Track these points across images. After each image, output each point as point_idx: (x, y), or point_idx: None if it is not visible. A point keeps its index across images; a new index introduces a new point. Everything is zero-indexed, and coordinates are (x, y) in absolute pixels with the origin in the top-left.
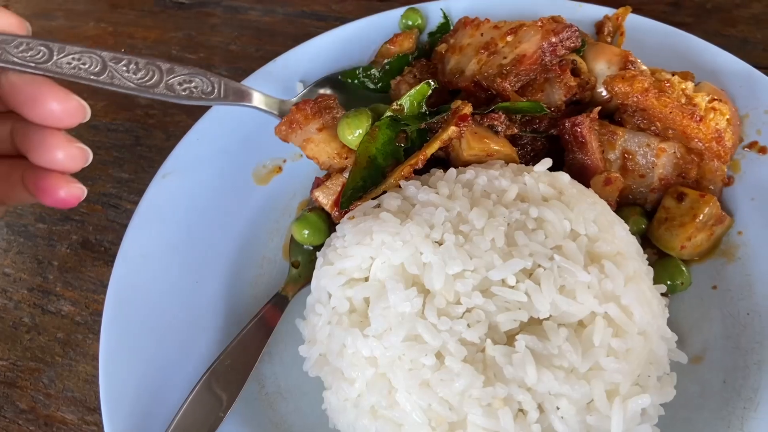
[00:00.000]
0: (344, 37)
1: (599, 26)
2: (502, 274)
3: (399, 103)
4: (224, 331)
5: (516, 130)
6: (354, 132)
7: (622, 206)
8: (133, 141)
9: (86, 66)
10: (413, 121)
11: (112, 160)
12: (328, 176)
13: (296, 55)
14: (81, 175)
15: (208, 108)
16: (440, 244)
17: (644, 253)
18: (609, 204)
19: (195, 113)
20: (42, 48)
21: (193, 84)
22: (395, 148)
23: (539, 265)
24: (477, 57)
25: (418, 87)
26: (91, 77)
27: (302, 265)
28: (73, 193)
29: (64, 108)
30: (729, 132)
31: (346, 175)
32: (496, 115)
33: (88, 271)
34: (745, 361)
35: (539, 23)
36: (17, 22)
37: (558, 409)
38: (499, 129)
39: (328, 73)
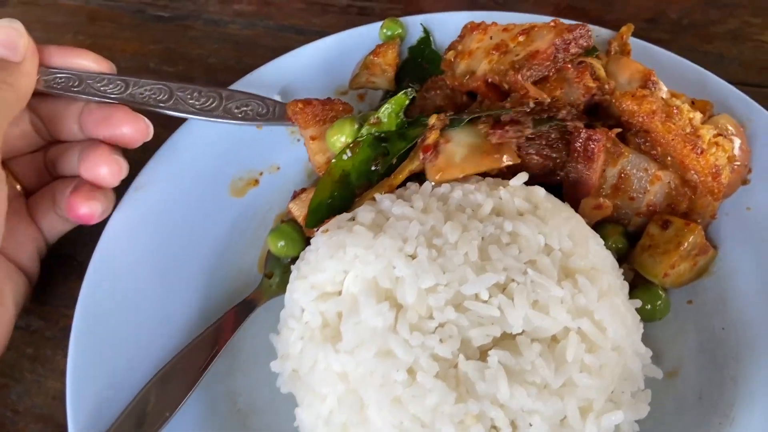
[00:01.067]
0: (324, 49)
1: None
2: (475, 288)
3: (377, 116)
4: None
5: (529, 130)
6: (334, 137)
7: (604, 222)
8: None
9: (156, 96)
10: (396, 142)
11: None
12: (303, 189)
13: (275, 67)
14: None
15: (184, 121)
16: (413, 257)
17: (620, 268)
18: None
19: (172, 126)
20: (120, 82)
21: (249, 107)
22: (370, 171)
23: (513, 280)
24: (488, 58)
25: (395, 98)
26: (160, 104)
27: (276, 276)
28: (93, 210)
29: (134, 129)
30: (727, 170)
31: None
32: (501, 127)
33: (58, 286)
34: (721, 376)
35: (552, 23)
36: (102, 62)
37: (531, 425)
38: (493, 139)
39: (307, 85)
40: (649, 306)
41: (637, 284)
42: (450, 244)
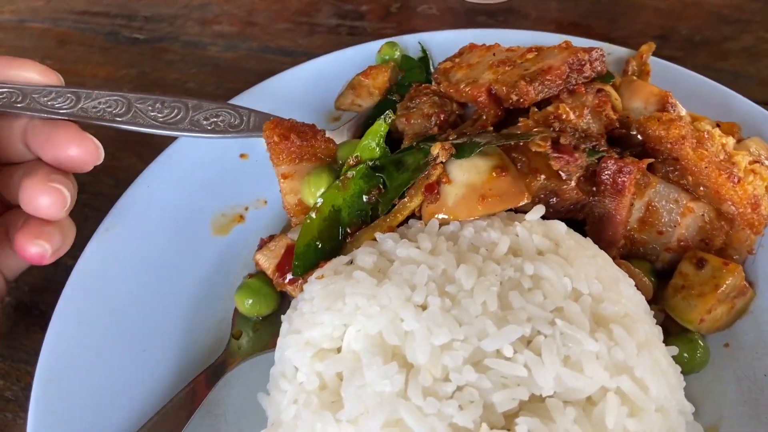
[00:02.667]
0: (313, 72)
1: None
2: (496, 343)
3: (355, 155)
4: None
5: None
6: (310, 190)
7: (629, 258)
8: (77, 188)
9: (111, 109)
10: (393, 173)
11: None
12: (271, 237)
13: (259, 92)
14: None
15: (163, 148)
16: (424, 308)
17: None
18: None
19: (147, 157)
20: (70, 95)
21: (219, 118)
22: (364, 205)
23: (539, 332)
24: (492, 70)
25: (370, 130)
26: (116, 119)
27: (244, 335)
28: (41, 250)
29: (82, 150)
30: (766, 199)
31: (290, 236)
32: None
33: (21, 339)
34: (766, 430)
35: (563, 44)
36: (48, 73)
37: None
38: (556, 166)
39: (295, 112)
40: (687, 355)
41: (668, 327)
42: (465, 292)
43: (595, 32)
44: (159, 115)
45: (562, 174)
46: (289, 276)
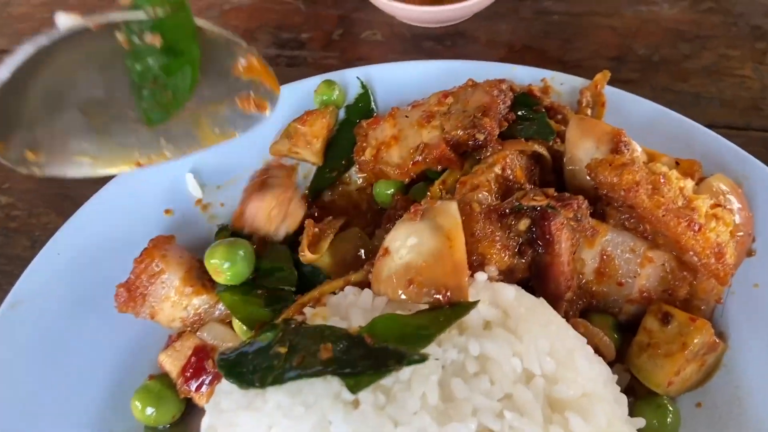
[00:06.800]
0: None
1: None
2: None
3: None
4: None
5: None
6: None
7: (589, 313)
8: None
9: None
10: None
11: None
12: (179, 335)
13: None
14: None
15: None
16: (355, 405)
17: (613, 371)
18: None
19: (67, 211)
20: None
21: None
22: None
23: (487, 428)
24: (427, 128)
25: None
26: None
27: None
28: None
29: None
30: (731, 246)
31: (199, 335)
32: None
33: None
34: None
35: (469, 82)
36: None
37: None
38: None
39: (227, 159)
40: (657, 423)
41: (635, 388)
42: (401, 383)
43: (548, 55)
44: None
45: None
46: (195, 382)
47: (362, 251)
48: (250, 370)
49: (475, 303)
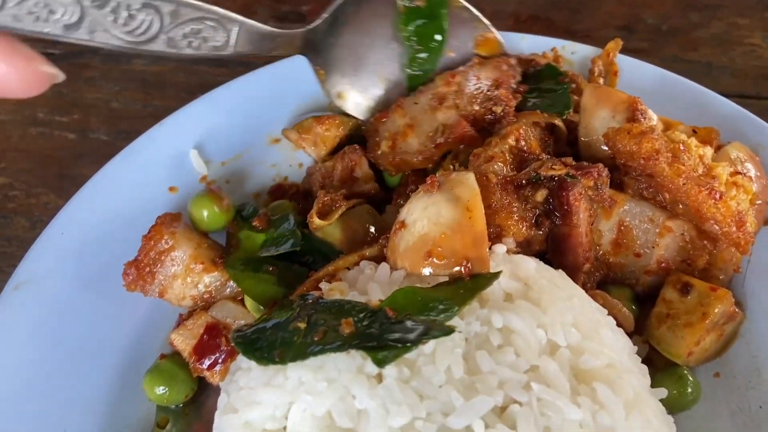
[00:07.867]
0: (252, 87)
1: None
2: (465, 419)
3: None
4: None
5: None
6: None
7: (606, 285)
8: None
9: (55, 15)
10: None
11: None
12: (190, 314)
13: (189, 114)
14: None
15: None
16: (379, 379)
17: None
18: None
19: (67, 191)
20: None
21: (201, 34)
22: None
23: (514, 400)
24: (441, 110)
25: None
26: (60, 33)
27: (170, 423)
28: None
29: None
30: (752, 215)
31: (211, 313)
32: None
33: None
34: None
35: (476, 60)
36: None
37: None
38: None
39: (232, 135)
40: (677, 393)
41: (653, 360)
42: (426, 356)
43: (556, 25)
44: (125, 27)
45: None
46: (207, 361)
47: (372, 228)
48: (269, 346)
49: (497, 273)
